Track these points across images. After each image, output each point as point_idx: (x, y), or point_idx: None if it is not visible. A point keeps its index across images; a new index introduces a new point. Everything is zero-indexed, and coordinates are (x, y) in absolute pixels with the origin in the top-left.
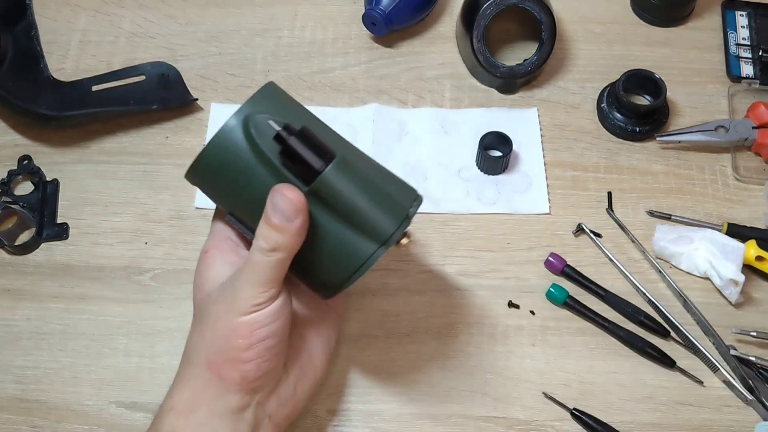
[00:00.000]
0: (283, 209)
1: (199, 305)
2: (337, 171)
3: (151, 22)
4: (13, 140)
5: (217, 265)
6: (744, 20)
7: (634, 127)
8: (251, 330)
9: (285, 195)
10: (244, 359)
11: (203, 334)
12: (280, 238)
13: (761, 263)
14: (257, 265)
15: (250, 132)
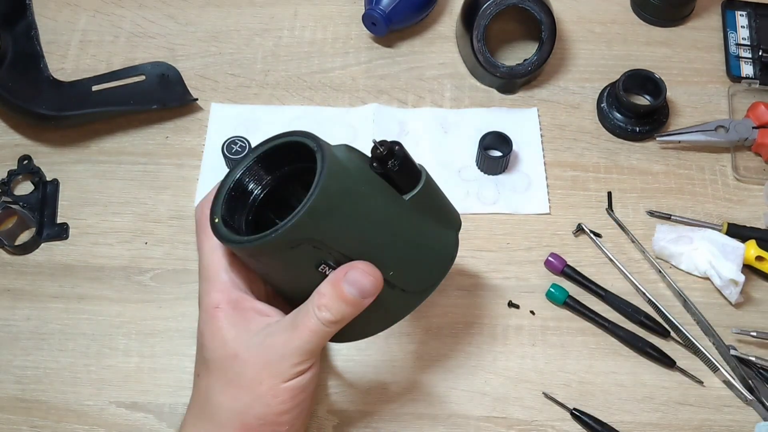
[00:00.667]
0: (363, 287)
1: (220, 365)
2: (428, 174)
3: (151, 22)
4: (13, 140)
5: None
6: (744, 20)
7: (634, 127)
8: (293, 395)
9: (365, 271)
10: (281, 422)
11: (237, 397)
12: (348, 313)
13: (761, 263)
14: (314, 335)
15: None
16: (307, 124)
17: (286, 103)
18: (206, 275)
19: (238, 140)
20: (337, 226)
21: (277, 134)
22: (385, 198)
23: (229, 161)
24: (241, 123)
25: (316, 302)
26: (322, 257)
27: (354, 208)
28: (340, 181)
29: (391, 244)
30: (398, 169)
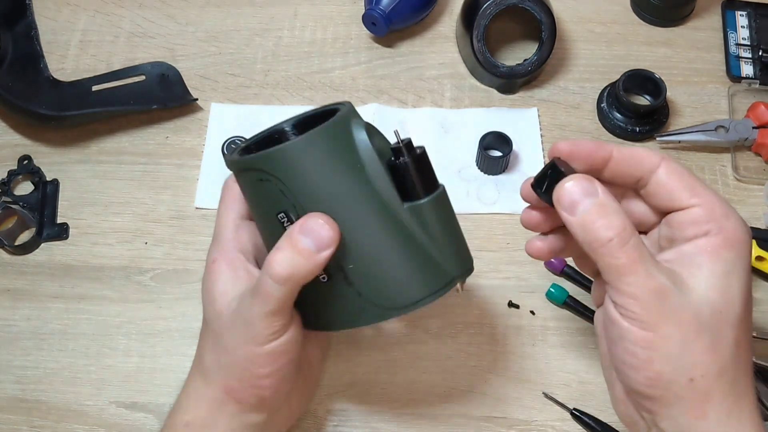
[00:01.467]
0: (318, 235)
1: (210, 322)
2: (445, 193)
3: (150, 22)
4: (12, 140)
5: (224, 279)
6: (744, 20)
7: (634, 127)
8: (271, 359)
9: (323, 220)
10: (263, 386)
11: (220, 358)
12: (302, 265)
13: (761, 263)
14: (268, 296)
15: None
16: None
17: (286, 103)
18: (214, 234)
19: (238, 140)
20: (309, 184)
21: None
22: (378, 190)
23: None
24: (241, 123)
25: (269, 259)
26: (286, 206)
27: (335, 178)
28: (335, 142)
29: (363, 238)
30: (407, 170)
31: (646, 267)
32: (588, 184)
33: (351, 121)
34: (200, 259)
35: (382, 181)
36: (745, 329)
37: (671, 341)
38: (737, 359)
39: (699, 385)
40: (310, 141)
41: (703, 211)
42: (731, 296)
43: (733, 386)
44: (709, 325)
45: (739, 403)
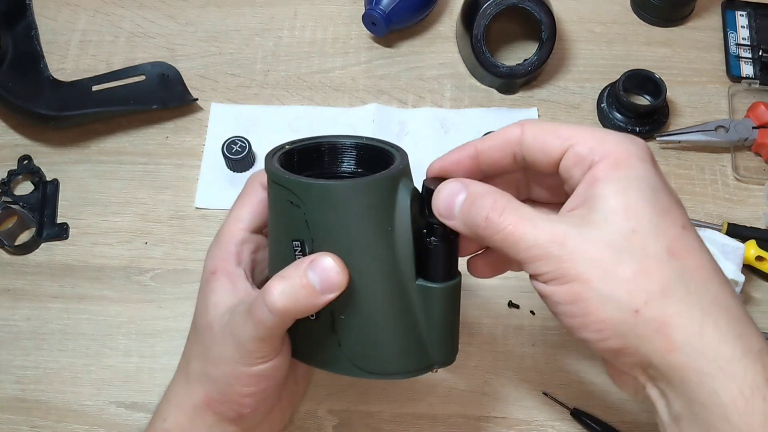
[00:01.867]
0: (328, 277)
1: (200, 332)
2: (460, 284)
3: (151, 22)
4: (12, 140)
5: (220, 292)
6: (744, 20)
7: (634, 127)
8: (255, 381)
9: (336, 264)
10: (243, 404)
11: (205, 369)
12: (302, 301)
13: (761, 263)
14: (260, 324)
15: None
16: (307, 124)
17: (286, 103)
18: (218, 239)
19: (238, 140)
20: (337, 224)
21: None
22: (396, 257)
23: (229, 161)
24: (241, 123)
25: (269, 286)
26: (304, 236)
27: (360, 232)
28: (377, 198)
29: (364, 297)
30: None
31: (532, 223)
32: (454, 184)
33: (400, 182)
34: (200, 259)
35: (405, 251)
36: (673, 236)
37: (593, 281)
38: (681, 270)
39: (649, 314)
40: (355, 190)
41: (579, 148)
42: (637, 211)
43: (691, 300)
44: (625, 248)
45: (709, 316)
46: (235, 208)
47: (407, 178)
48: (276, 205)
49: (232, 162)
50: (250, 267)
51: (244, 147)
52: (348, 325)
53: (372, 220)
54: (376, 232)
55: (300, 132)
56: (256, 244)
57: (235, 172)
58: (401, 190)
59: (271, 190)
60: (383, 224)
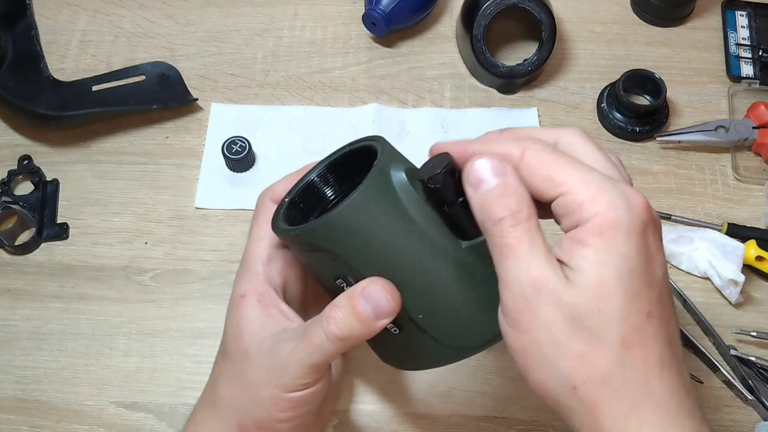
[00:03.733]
0: (378, 304)
1: (232, 358)
2: None
3: (151, 22)
4: (13, 140)
5: (253, 317)
6: (744, 20)
7: (634, 127)
8: (293, 406)
9: (385, 289)
10: (279, 429)
11: (239, 395)
12: (358, 330)
13: (761, 263)
14: (318, 349)
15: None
16: (307, 124)
17: (286, 103)
18: (244, 263)
19: (238, 140)
20: (359, 248)
21: (355, 140)
22: (431, 238)
23: (229, 161)
24: (241, 123)
25: (327, 314)
26: (341, 272)
27: (385, 237)
28: (377, 201)
29: (426, 288)
30: (459, 212)
31: (531, 253)
32: (498, 164)
33: (390, 170)
34: (200, 259)
35: (435, 226)
36: (633, 326)
37: (544, 345)
38: (627, 362)
39: (583, 394)
40: (351, 207)
41: (569, 199)
42: (608, 292)
43: (623, 393)
44: (585, 326)
45: (637, 410)
46: (254, 228)
47: (396, 163)
48: (301, 256)
49: (232, 162)
50: (281, 285)
51: (244, 147)
52: (431, 320)
53: (386, 223)
54: (398, 229)
55: (300, 132)
56: (284, 260)
57: (235, 172)
58: (394, 177)
59: (289, 245)
60: (399, 219)
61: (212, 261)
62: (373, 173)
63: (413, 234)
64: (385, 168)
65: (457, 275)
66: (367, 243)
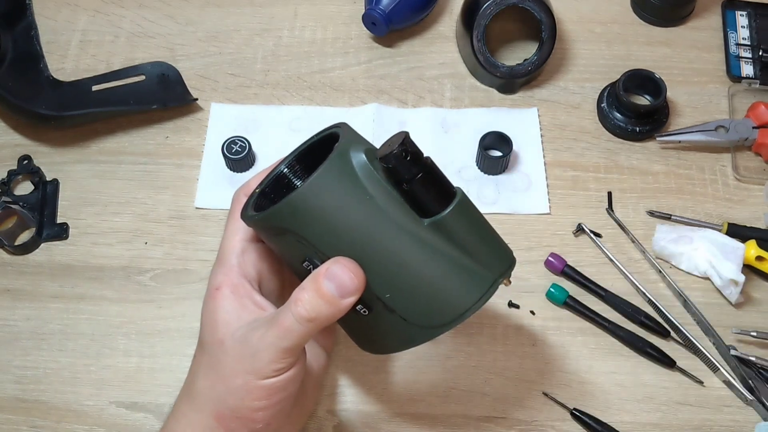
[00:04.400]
0: (342, 283)
1: (208, 349)
2: (465, 197)
3: (150, 22)
4: (13, 140)
5: (228, 308)
6: (744, 20)
7: (634, 127)
8: (268, 394)
9: (347, 267)
10: (256, 419)
11: (215, 385)
12: (325, 310)
13: (761, 263)
14: (288, 332)
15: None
16: (307, 124)
17: (286, 103)
18: (219, 256)
19: (238, 140)
20: (322, 228)
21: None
22: (392, 216)
23: (229, 161)
24: (241, 123)
25: (294, 296)
26: (307, 254)
27: (347, 217)
28: (337, 180)
29: (391, 267)
30: (417, 189)
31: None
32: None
33: (350, 152)
34: (200, 259)
35: (396, 206)
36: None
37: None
38: None
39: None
40: (312, 188)
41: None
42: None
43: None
44: None
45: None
46: (228, 223)
47: (356, 144)
48: (271, 242)
49: (232, 162)
50: (257, 277)
51: (244, 147)
52: (398, 298)
53: (347, 202)
54: (359, 208)
55: (300, 132)
56: (259, 253)
57: (235, 172)
58: (354, 158)
59: (258, 232)
60: (359, 198)
61: (212, 261)
62: (333, 155)
63: (374, 212)
64: (345, 149)
65: (421, 252)
66: (329, 222)
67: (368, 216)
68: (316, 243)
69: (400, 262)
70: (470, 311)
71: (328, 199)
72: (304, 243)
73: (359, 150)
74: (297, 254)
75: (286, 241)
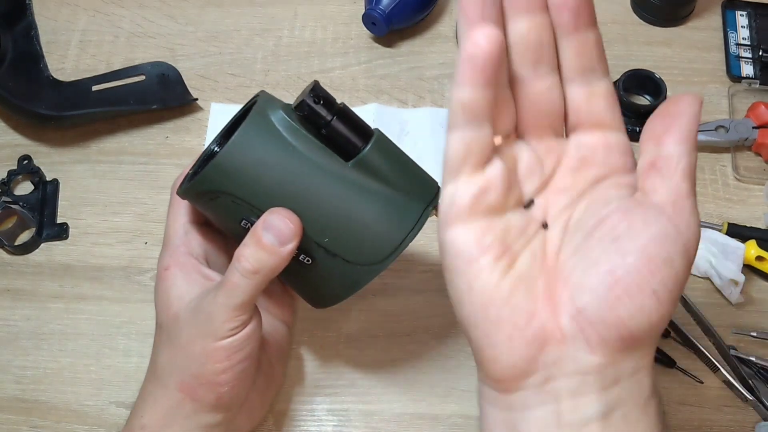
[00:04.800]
0: (279, 230)
1: (165, 326)
2: (382, 135)
3: (150, 22)
4: (12, 140)
5: (179, 284)
6: (744, 20)
7: (634, 127)
8: (227, 354)
9: (282, 215)
10: (219, 382)
11: (174, 358)
12: (267, 260)
13: (761, 263)
14: (235, 288)
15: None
16: None
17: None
18: (164, 242)
19: None
20: (252, 184)
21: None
22: (317, 162)
23: None
24: None
25: (237, 254)
26: (243, 214)
27: (273, 170)
28: (259, 137)
29: (324, 211)
30: (335, 132)
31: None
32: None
33: (267, 110)
34: None
35: (319, 152)
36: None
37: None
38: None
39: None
40: (235, 146)
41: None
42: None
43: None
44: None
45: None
46: (170, 209)
47: (274, 103)
48: (207, 210)
49: None
50: (203, 255)
51: None
52: (337, 241)
53: (272, 156)
54: (284, 160)
55: None
56: (203, 233)
57: None
58: (273, 115)
59: (197, 205)
60: (283, 150)
61: None
62: (251, 113)
63: (299, 161)
64: (263, 107)
65: (349, 192)
66: (258, 177)
67: (294, 165)
68: (249, 200)
69: (332, 205)
70: (406, 241)
71: (252, 154)
72: (239, 203)
73: (277, 107)
74: (234, 216)
75: (221, 206)
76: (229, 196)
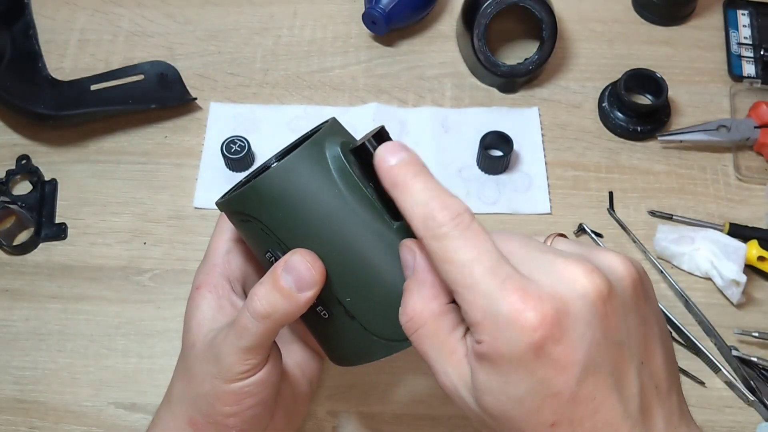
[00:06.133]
0: (300, 274)
1: (184, 352)
2: None
3: (149, 21)
4: (11, 140)
5: (204, 308)
6: (746, 19)
7: (635, 127)
8: (237, 399)
9: (306, 258)
10: (227, 424)
11: (187, 390)
12: (281, 305)
13: (763, 263)
14: (244, 331)
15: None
16: (306, 124)
17: (286, 103)
18: (205, 256)
19: (237, 140)
20: (285, 219)
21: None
22: (359, 212)
23: (228, 161)
24: (240, 123)
25: (251, 292)
26: (270, 245)
27: (311, 208)
28: (307, 170)
29: (353, 267)
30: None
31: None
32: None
33: (325, 142)
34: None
35: (365, 203)
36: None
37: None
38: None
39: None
40: (278, 172)
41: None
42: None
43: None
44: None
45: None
46: (218, 224)
47: (334, 136)
48: (239, 229)
49: (232, 162)
50: (241, 278)
51: (243, 147)
52: (359, 304)
53: (315, 191)
54: (325, 199)
55: (300, 131)
56: (246, 254)
57: (234, 171)
58: (329, 149)
59: (230, 219)
60: (327, 188)
61: None
62: (307, 143)
63: (341, 207)
64: (321, 140)
65: (387, 255)
66: (293, 212)
67: (334, 209)
68: (278, 233)
69: (363, 263)
70: None
71: (295, 186)
72: (268, 233)
73: (335, 142)
74: (261, 245)
75: (251, 230)
76: (260, 224)
